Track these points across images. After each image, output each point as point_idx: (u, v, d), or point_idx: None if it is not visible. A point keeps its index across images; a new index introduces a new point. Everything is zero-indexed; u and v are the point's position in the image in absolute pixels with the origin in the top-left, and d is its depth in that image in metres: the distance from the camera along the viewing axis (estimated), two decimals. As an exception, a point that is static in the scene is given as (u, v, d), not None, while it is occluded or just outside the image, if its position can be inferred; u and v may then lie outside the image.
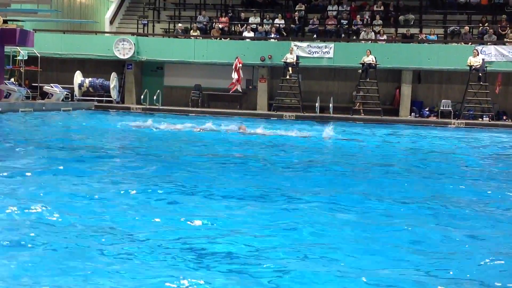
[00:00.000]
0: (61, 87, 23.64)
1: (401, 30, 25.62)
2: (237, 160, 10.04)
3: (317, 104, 23.11)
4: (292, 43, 23.80)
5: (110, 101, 24.69)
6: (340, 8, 26.94)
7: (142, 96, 24.42)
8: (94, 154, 10.07)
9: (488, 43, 23.26)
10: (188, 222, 5.27)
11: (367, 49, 23.11)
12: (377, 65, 22.99)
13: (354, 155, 11.82)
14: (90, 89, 24.76)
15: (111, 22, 29.75)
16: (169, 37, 26.72)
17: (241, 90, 24.14)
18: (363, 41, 24.53)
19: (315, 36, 25.52)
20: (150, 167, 8.57)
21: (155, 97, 24.11)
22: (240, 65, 23.51)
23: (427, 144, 14.79)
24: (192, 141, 12.93)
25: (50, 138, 12.79)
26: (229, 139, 13.62)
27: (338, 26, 25.81)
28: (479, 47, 22.70)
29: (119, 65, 25.61)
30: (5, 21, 21.61)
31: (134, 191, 6.57)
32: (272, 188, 7.13)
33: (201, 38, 25.48)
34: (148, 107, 23.92)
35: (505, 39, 23.84)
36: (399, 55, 23.49)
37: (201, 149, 11.64)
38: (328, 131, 14.98)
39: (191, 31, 26.12)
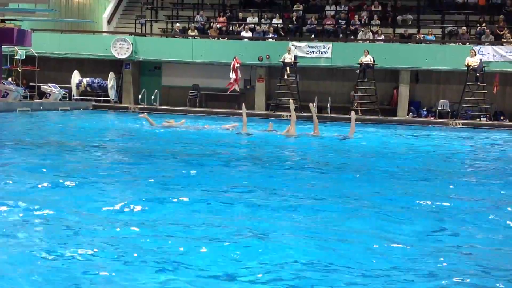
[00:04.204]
0: (59, 86, 23.61)
1: (399, 30, 25.65)
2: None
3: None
4: (290, 43, 23.82)
5: (108, 101, 24.68)
6: (338, 8, 26.96)
7: (140, 96, 24.43)
8: (96, 154, 10.07)
9: (486, 44, 23.30)
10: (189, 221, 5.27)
11: (365, 49, 23.13)
12: (375, 65, 23.01)
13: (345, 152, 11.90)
14: (88, 88, 24.77)
15: (109, 22, 29.75)
16: (167, 37, 26.72)
17: (239, 90, 24.14)
18: (361, 41, 24.55)
19: (313, 36, 25.54)
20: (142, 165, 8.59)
21: (152, 97, 24.12)
22: (238, 65, 23.52)
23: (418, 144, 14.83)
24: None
25: (48, 137, 12.78)
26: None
27: (336, 26, 25.84)
28: (476, 47, 22.74)
29: (117, 65, 25.60)
30: (2, 21, 21.57)
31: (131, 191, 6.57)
32: (273, 187, 7.14)
33: (199, 38, 25.48)
34: (146, 106, 23.92)
35: (503, 40, 23.88)
36: (397, 55, 23.51)
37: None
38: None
39: (189, 31, 26.12)
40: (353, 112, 15.82)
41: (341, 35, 25.65)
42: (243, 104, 15.94)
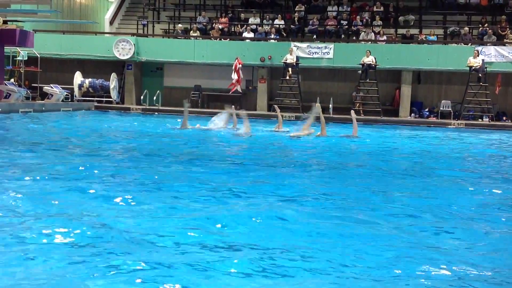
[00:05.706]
0: (61, 87, 23.63)
1: (401, 31, 25.64)
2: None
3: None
4: (292, 44, 23.82)
5: (110, 102, 24.70)
6: (340, 9, 26.96)
7: (142, 97, 24.45)
8: (99, 154, 10.07)
9: (488, 44, 23.28)
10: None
11: (367, 50, 23.12)
12: (377, 66, 23.00)
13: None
14: (90, 89, 24.79)
15: (111, 23, 29.78)
16: (169, 38, 26.73)
17: (241, 91, 24.15)
18: (363, 42, 24.54)
19: (314, 36, 25.54)
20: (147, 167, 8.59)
21: (155, 98, 24.14)
22: (240, 65, 23.53)
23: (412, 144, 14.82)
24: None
25: (50, 138, 12.79)
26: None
27: (338, 26, 25.83)
28: (479, 48, 22.71)
29: (119, 66, 25.64)
30: (5, 22, 21.59)
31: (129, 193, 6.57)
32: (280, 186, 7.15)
33: (201, 38, 25.49)
34: (148, 107, 23.95)
35: (505, 40, 23.86)
36: (399, 55, 23.50)
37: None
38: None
39: (191, 31, 26.13)
40: (352, 111, 15.85)
41: (343, 36, 25.64)
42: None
